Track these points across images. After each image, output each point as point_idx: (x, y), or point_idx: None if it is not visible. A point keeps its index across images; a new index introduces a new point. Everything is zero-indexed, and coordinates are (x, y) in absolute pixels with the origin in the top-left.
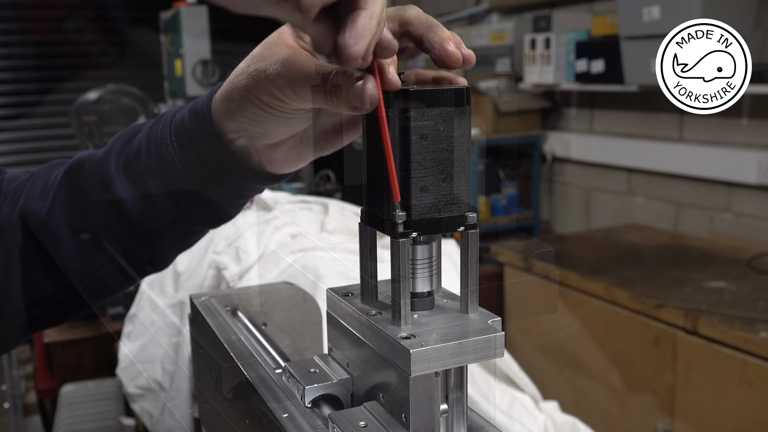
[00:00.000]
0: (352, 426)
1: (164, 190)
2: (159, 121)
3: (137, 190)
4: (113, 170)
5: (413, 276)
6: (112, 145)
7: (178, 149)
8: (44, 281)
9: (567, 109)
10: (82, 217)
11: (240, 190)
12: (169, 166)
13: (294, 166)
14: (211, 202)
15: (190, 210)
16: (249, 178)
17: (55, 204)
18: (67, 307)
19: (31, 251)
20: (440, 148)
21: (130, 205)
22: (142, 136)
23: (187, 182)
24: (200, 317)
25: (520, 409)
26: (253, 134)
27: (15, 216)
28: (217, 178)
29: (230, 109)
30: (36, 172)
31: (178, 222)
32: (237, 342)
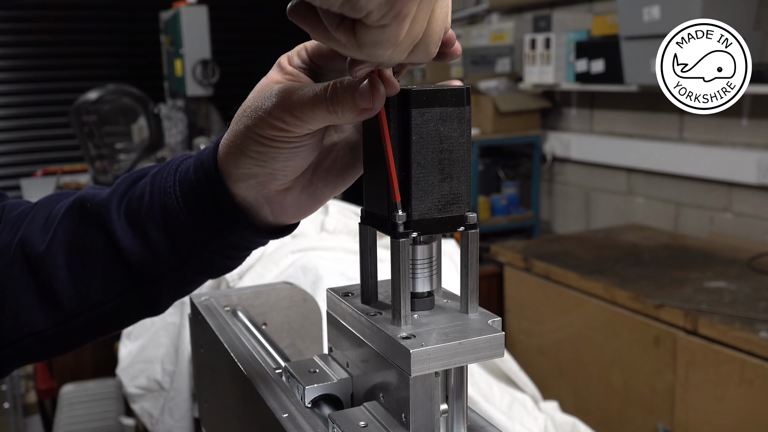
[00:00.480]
0: (352, 426)
1: (165, 238)
2: (165, 167)
3: (137, 235)
4: (114, 213)
5: (413, 276)
6: (116, 187)
7: (181, 200)
8: (37, 315)
9: (567, 109)
10: (80, 255)
11: (243, 243)
12: (171, 216)
13: (309, 210)
14: (212, 253)
15: (191, 259)
16: (252, 232)
17: (55, 239)
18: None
19: (26, 283)
20: (440, 148)
21: (128, 250)
22: (146, 182)
23: (189, 233)
24: (200, 317)
25: (520, 409)
26: (262, 178)
27: (14, 245)
28: (219, 230)
29: (234, 154)
30: (39, 203)
31: (177, 270)
32: (237, 342)
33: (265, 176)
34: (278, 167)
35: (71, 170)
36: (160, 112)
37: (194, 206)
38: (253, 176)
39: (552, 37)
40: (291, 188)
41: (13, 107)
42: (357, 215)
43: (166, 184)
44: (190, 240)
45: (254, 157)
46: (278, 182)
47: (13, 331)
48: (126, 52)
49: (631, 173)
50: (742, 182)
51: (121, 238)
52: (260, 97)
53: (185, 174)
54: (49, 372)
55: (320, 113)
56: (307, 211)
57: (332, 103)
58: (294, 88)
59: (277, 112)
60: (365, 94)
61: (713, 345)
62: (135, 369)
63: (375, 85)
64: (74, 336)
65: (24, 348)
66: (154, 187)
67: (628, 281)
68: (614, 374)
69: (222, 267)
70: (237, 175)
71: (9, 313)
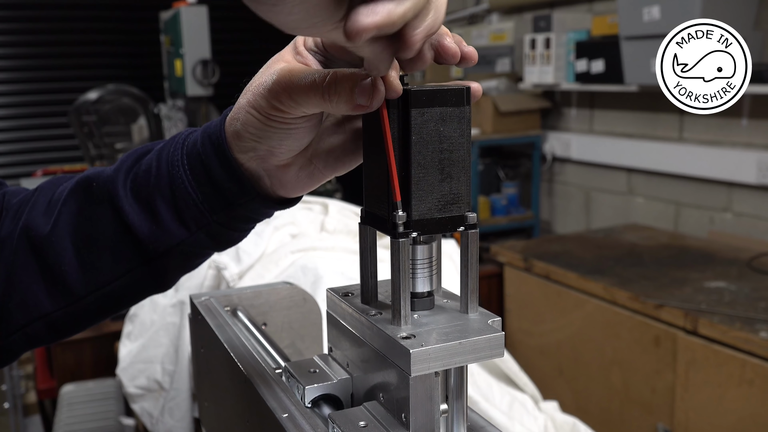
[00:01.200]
0: (352, 426)
1: (173, 211)
2: (171, 142)
3: (145, 210)
4: (121, 189)
5: (413, 276)
6: (120, 164)
7: (189, 172)
8: (44, 298)
9: (567, 109)
10: (87, 235)
11: (250, 213)
12: (179, 189)
13: (306, 187)
14: (219, 225)
15: (199, 232)
16: (259, 202)
17: (59, 221)
18: (66, 325)
19: (32, 268)
20: (440, 148)
21: (137, 226)
22: (152, 157)
23: (196, 205)
24: (200, 317)
25: (520, 409)
26: (261, 153)
27: (17, 232)
28: (227, 201)
29: (236, 128)
30: (40, 188)
31: (185, 244)
32: (237, 342)
33: (263, 151)
34: (273, 145)
35: (71, 170)
36: (160, 112)
37: (202, 178)
38: (253, 149)
39: (552, 37)
40: (290, 165)
41: (13, 107)
42: (357, 215)
43: (173, 157)
44: (198, 212)
45: (251, 131)
46: (276, 159)
47: (21, 316)
48: (126, 52)
49: (631, 173)
50: (742, 182)
51: (128, 213)
52: (265, 74)
53: (193, 147)
54: (49, 372)
55: (314, 98)
56: (304, 188)
57: (328, 91)
58: (296, 70)
59: (275, 91)
60: (366, 91)
61: (713, 345)
62: (135, 369)
63: (376, 84)
64: (82, 316)
65: (32, 331)
66: (161, 161)
67: (628, 281)
68: (614, 374)
69: (229, 239)
70: (239, 147)
71: (16, 299)
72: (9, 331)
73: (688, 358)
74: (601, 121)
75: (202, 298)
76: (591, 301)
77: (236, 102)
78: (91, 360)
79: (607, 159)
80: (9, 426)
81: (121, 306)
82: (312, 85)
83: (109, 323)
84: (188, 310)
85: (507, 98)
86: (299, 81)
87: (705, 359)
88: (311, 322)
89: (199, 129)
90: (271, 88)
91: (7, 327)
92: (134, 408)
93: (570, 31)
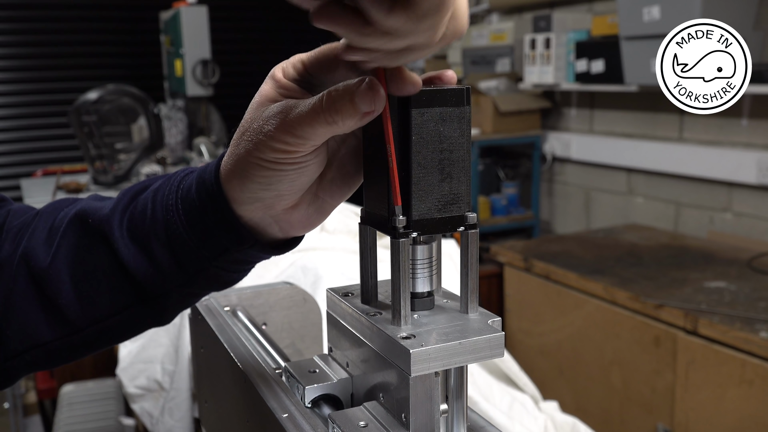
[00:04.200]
0: (352, 426)
1: (170, 255)
2: (166, 183)
3: (142, 252)
4: (117, 230)
5: (413, 276)
6: (117, 202)
7: (185, 218)
8: (43, 327)
9: (567, 109)
10: (85, 270)
11: (248, 258)
12: (174, 234)
13: (317, 222)
14: (218, 269)
15: (197, 275)
16: (257, 249)
17: (58, 253)
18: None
19: (31, 296)
20: (440, 148)
21: (133, 267)
22: (148, 197)
23: (194, 251)
24: (200, 317)
25: (520, 409)
26: (268, 201)
27: (17, 257)
28: (224, 248)
29: (238, 179)
30: (41, 213)
31: (183, 286)
32: (237, 342)
33: (272, 198)
34: (284, 188)
35: (71, 170)
36: (160, 112)
37: (198, 226)
38: (259, 200)
39: (552, 37)
40: (298, 205)
41: (13, 107)
42: (357, 215)
43: (168, 201)
44: (195, 257)
45: (259, 181)
46: (285, 202)
47: (19, 342)
48: (126, 52)
49: (631, 173)
50: (742, 182)
51: (124, 255)
52: (258, 119)
53: (187, 193)
54: (49, 372)
55: (320, 127)
56: (314, 223)
57: (330, 113)
58: (290, 106)
59: (278, 135)
60: (365, 95)
61: (713, 345)
62: (135, 369)
63: (374, 86)
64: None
65: (31, 358)
66: (156, 203)
67: (628, 281)
68: (614, 374)
69: (228, 280)
70: (242, 199)
71: (14, 325)
72: (7, 356)
73: (688, 358)
74: (601, 121)
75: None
76: (591, 301)
77: (230, 153)
78: (91, 360)
79: (607, 159)
80: (9, 426)
81: (121, 338)
82: (313, 114)
83: None
84: (188, 310)
85: (507, 98)
86: (299, 115)
87: (705, 359)
88: (311, 322)
89: (194, 172)
90: (272, 134)
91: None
92: (134, 408)
93: (570, 31)
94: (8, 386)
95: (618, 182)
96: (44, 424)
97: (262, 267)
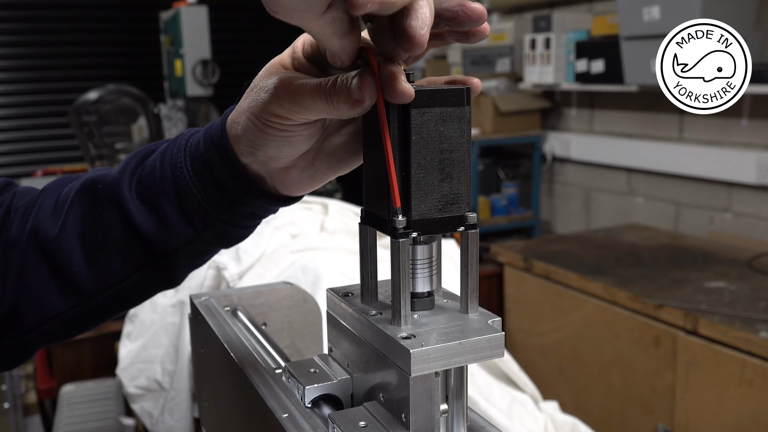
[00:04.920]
0: (352, 426)
1: (179, 212)
2: (173, 143)
3: (151, 211)
4: (126, 191)
5: (413, 276)
6: (125, 166)
7: (193, 174)
8: (56, 298)
9: (567, 109)
10: (95, 236)
11: (255, 211)
12: (183, 190)
13: (309, 187)
14: (225, 224)
15: (206, 231)
16: (264, 201)
17: (66, 223)
18: (79, 323)
19: (42, 269)
20: (440, 148)
21: (144, 227)
22: (155, 158)
23: (202, 206)
24: (200, 317)
25: (520, 409)
26: (261, 158)
27: (26, 234)
28: (232, 201)
29: (237, 132)
30: (45, 189)
31: (192, 243)
32: (237, 342)
33: (262, 157)
34: (271, 153)
35: (71, 170)
36: (160, 112)
37: (206, 180)
38: (252, 154)
39: (552, 37)
40: (291, 167)
41: (13, 107)
42: (357, 215)
43: (176, 159)
44: (203, 212)
45: (251, 139)
46: (276, 163)
47: (34, 316)
48: (126, 52)
49: (631, 173)
50: (742, 182)
51: (135, 215)
52: (264, 78)
53: (195, 148)
54: (49, 372)
55: (320, 102)
56: (307, 188)
57: (331, 93)
58: (297, 76)
59: (278, 95)
60: (356, 86)
61: (713, 345)
62: (135, 369)
63: (365, 77)
64: (94, 314)
65: (46, 330)
66: (164, 163)
67: (628, 281)
68: (614, 374)
69: (236, 235)
70: (240, 150)
71: (28, 300)
72: (23, 331)
73: (688, 358)
74: (601, 121)
75: (202, 298)
76: (591, 301)
77: (237, 106)
78: (91, 360)
79: (607, 159)
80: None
81: (133, 303)
82: (317, 88)
83: (109, 323)
84: (188, 310)
85: (507, 98)
86: (304, 85)
87: (705, 359)
88: (311, 322)
89: (201, 130)
90: (274, 92)
91: (20, 327)
92: (134, 408)
93: (570, 31)
94: (26, 361)
95: (618, 182)
96: (44, 424)
97: (262, 267)
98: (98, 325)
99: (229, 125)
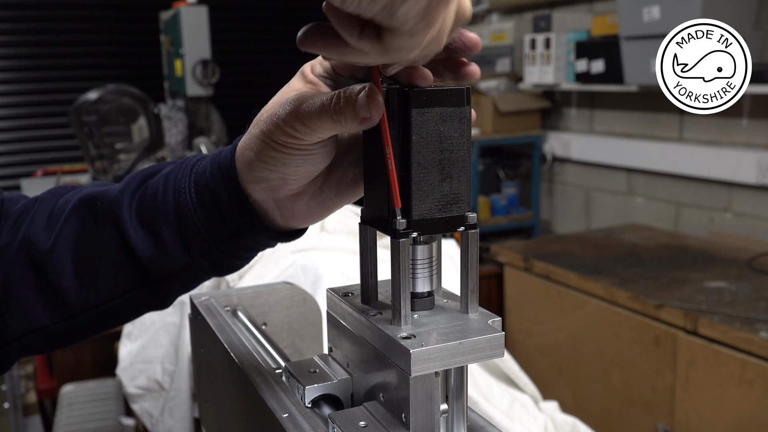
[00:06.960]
0: (352, 426)
1: (177, 238)
2: (178, 167)
3: (149, 234)
4: (126, 212)
5: (413, 276)
6: (126, 185)
7: (196, 200)
8: (41, 312)
9: (567, 109)
10: (88, 254)
11: (254, 244)
12: (185, 216)
13: (318, 216)
14: (223, 253)
15: (201, 259)
16: (266, 235)
17: (60, 237)
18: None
19: (30, 281)
20: (440, 148)
21: (140, 249)
22: (158, 181)
23: (201, 233)
24: (200, 317)
25: (520, 409)
26: (273, 183)
27: (16, 243)
28: (233, 231)
29: (249, 158)
30: (40, 198)
31: (187, 270)
32: (237, 342)
33: (276, 181)
34: (289, 172)
35: (71, 170)
36: (160, 112)
37: (210, 207)
38: (265, 180)
39: (552, 37)
40: (301, 194)
41: (13, 107)
42: (357, 215)
43: (180, 184)
44: (202, 240)
45: (267, 161)
46: (288, 187)
47: (17, 327)
48: (126, 52)
49: (631, 173)
50: (742, 182)
51: (132, 237)
52: (277, 104)
53: (201, 175)
54: (49, 372)
55: (326, 122)
56: (315, 217)
57: (335, 111)
58: (306, 97)
59: (289, 120)
60: (363, 103)
61: (713, 345)
62: (135, 369)
63: (372, 95)
64: (79, 331)
65: (28, 343)
66: (167, 186)
67: (628, 281)
68: (614, 374)
69: (230, 266)
70: (250, 178)
71: (13, 310)
72: (5, 341)
73: (688, 358)
74: (601, 121)
75: (202, 298)
76: (591, 301)
77: (247, 133)
78: (91, 360)
79: (607, 159)
80: (9, 426)
81: (119, 322)
82: (322, 109)
83: None
84: (188, 310)
85: (507, 98)
86: (310, 107)
87: (705, 359)
88: (311, 322)
89: (208, 157)
90: (285, 118)
91: (2, 337)
92: (134, 408)
93: (570, 31)
94: (5, 371)
95: (618, 182)
96: (44, 424)
97: (262, 267)
98: (82, 341)
99: (239, 153)
